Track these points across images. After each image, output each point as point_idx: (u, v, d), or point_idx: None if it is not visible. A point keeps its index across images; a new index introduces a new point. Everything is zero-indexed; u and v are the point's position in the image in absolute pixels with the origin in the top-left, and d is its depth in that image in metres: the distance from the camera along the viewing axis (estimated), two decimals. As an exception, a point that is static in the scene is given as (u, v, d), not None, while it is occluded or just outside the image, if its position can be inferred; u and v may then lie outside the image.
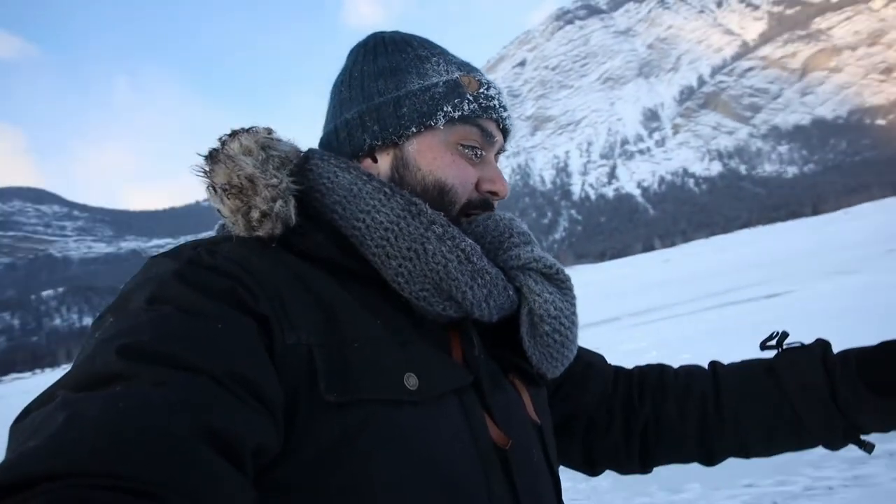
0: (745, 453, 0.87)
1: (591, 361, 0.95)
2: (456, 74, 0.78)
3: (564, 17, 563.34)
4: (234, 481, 0.47)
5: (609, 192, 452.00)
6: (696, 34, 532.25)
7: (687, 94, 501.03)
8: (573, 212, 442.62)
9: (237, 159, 0.69)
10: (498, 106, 0.79)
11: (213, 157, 0.70)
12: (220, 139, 0.72)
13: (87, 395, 0.47)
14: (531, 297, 0.75)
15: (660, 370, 0.96)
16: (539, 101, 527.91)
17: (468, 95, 0.76)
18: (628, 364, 0.97)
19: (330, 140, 0.81)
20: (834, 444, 0.81)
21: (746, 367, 0.89)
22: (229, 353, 0.53)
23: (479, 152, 0.77)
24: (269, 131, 0.75)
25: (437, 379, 0.64)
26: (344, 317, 0.64)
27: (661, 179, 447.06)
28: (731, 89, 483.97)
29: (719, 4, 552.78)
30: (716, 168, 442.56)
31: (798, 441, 0.83)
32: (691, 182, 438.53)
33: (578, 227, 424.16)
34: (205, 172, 0.70)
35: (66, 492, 0.39)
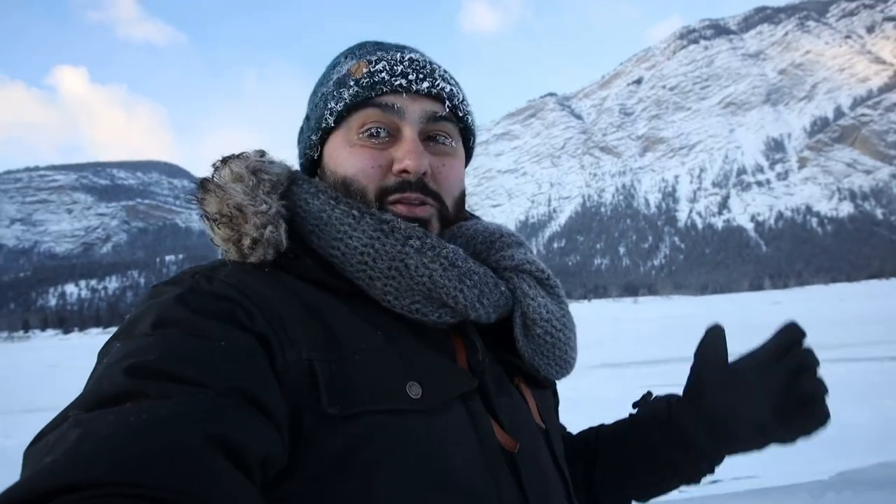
0: (620, 494, 0.92)
1: None
2: (347, 67, 0.77)
3: (689, 37, 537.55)
4: (246, 490, 0.47)
5: (718, 222, 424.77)
6: (837, 61, 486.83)
7: (820, 125, 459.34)
8: (676, 239, 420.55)
9: (227, 188, 0.70)
10: (389, 77, 0.74)
11: (203, 186, 0.71)
12: (213, 165, 0.73)
13: (98, 414, 0.48)
14: (525, 300, 0.76)
15: (596, 431, 0.99)
16: (652, 121, 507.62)
17: (350, 82, 0.74)
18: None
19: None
20: (682, 467, 0.85)
21: (619, 421, 0.95)
22: (232, 370, 0.55)
23: (380, 130, 0.74)
24: (262, 154, 0.76)
25: (440, 386, 0.65)
26: (343, 330, 0.65)
27: (780, 215, 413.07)
28: (874, 124, 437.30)
29: (870, 30, 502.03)
30: (846, 209, 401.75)
31: (657, 472, 0.87)
32: (814, 221, 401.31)
33: (680, 256, 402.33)
34: (198, 201, 0.71)
35: (85, 503, 0.40)
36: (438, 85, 0.76)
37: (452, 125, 0.78)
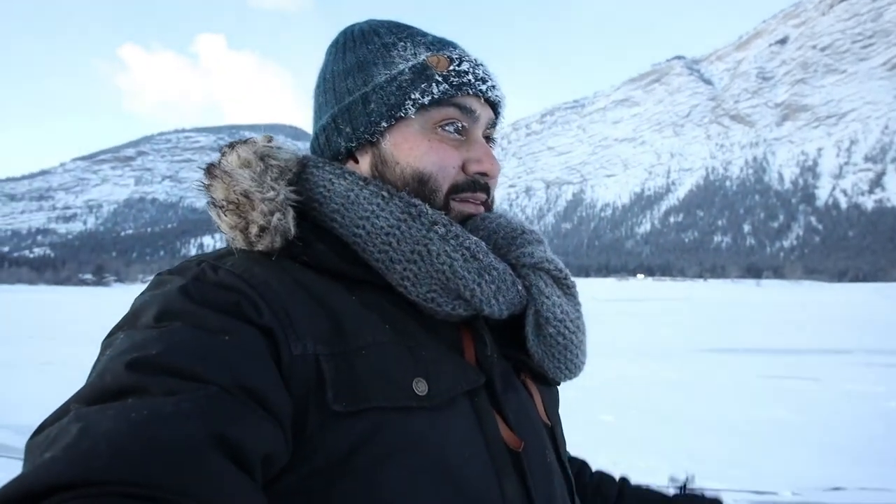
0: None
1: None
2: (423, 56, 0.75)
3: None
4: (245, 488, 0.47)
5: (868, 202, 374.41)
6: None
7: None
8: (813, 219, 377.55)
9: (233, 174, 0.69)
10: (474, 80, 0.75)
11: (210, 172, 0.70)
12: (221, 150, 0.72)
13: (99, 408, 0.48)
14: (540, 298, 0.75)
15: (580, 465, 0.98)
16: (795, 86, 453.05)
17: (437, 76, 0.73)
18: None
19: (314, 147, 0.82)
20: None
21: (651, 494, 0.93)
22: (236, 365, 0.54)
23: (460, 126, 0.75)
24: (269, 139, 0.75)
25: (447, 382, 0.64)
26: (351, 324, 0.64)
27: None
28: None
29: None
30: None
31: None
32: None
33: (816, 238, 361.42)
34: (205, 187, 0.70)
35: (82, 501, 0.40)
36: (499, 94, 0.79)
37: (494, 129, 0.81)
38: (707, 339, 16.30)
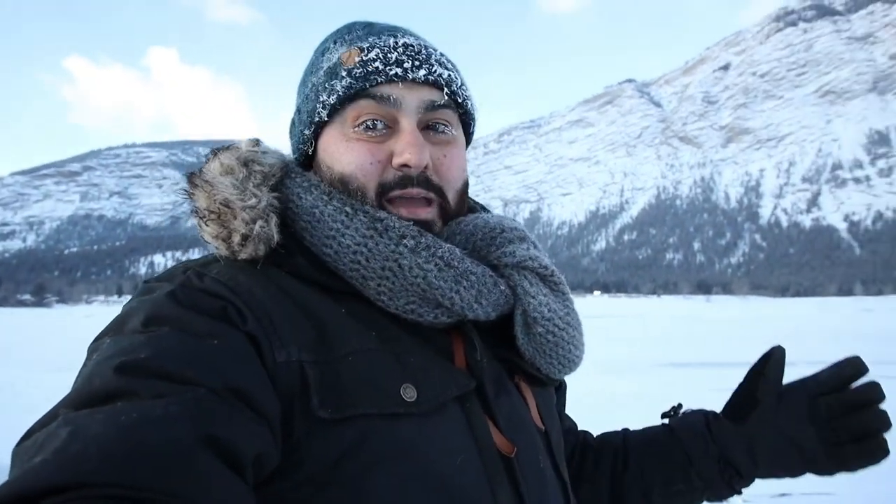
0: (648, 502, 0.90)
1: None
2: (337, 55, 0.72)
3: (786, 18, 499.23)
4: (236, 488, 0.47)
5: (806, 220, 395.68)
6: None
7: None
8: (757, 237, 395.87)
9: (214, 182, 0.67)
10: (383, 66, 0.70)
11: (191, 180, 0.69)
12: (204, 157, 0.71)
13: (88, 412, 0.47)
14: (525, 298, 0.73)
15: (584, 433, 1.00)
16: (738, 110, 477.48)
17: (342, 72, 0.70)
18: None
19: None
20: (715, 483, 0.86)
21: (649, 428, 0.95)
22: (224, 368, 0.54)
23: (377, 123, 0.70)
24: (256, 143, 0.73)
25: (436, 388, 0.63)
26: (336, 331, 0.63)
27: (879, 215, 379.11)
28: None
29: None
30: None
31: (690, 484, 0.87)
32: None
33: (761, 255, 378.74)
34: (188, 196, 0.69)
35: None
36: (436, 71, 0.72)
37: (452, 112, 0.74)
38: (663, 353, 16.77)
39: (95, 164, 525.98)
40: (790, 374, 0.85)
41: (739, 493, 0.86)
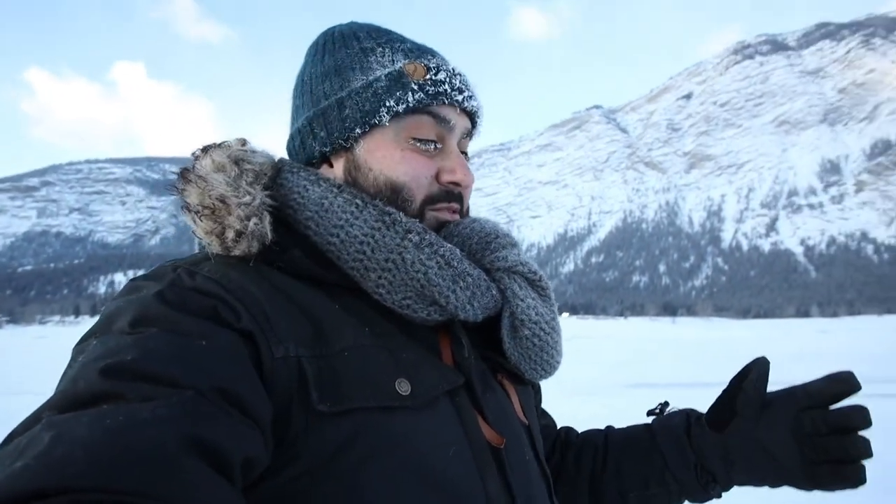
0: (625, 499, 0.90)
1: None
2: (400, 64, 0.75)
3: (744, 52, 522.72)
4: (223, 491, 0.47)
5: (765, 244, 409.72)
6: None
7: (882, 148, 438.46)
8: (719, 260, 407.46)
9: (208, 178, 0.67)
10: (450, 90, 0.74)
11: (184, 176, 0.69)
12: (193, 154, 0.71)
13: (73, 415, 0.46)
14: (514, 301, 0.75)
15: (566, 430, 1.02)
16: (700, 137, 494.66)
17: (412, 85, 0.73)
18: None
19: (289, 150, 0.81)
20: (691, 487, 0.85)
21: (631, 427, 0.95)
22: (213, 370, 0.53)
23: (435, 144, 0.75)
24: (244, 142, 0.74)
25: (428, 382, 0.65)
26: (331, 327, 0.64)
27: (832, 240, 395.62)
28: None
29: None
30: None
31: (665, 487, 0.87)
32: (870, 248, 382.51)
33: (723, 278, 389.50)
34: (180, 192, 0.69)
35: None
36: (476, 104, 0.78)
37: (470, 139, 0.81)
38: (630, 374, 16.92)
39: (55, 179, 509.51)
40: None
41: (718, 496, 0.86)
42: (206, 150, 0.71)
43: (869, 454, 0.75)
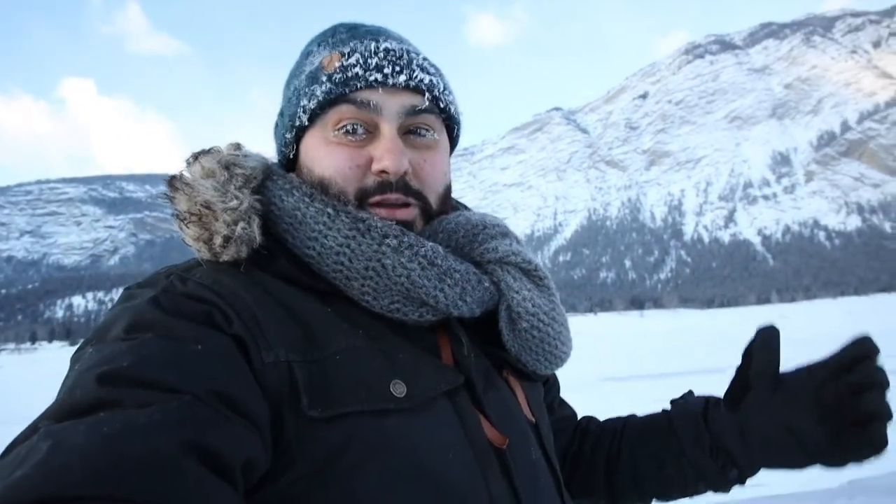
0: (640, 489, 0.89)
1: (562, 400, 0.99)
2: (319, 59, 0.73)
3: (694, 52, 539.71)
4: (224, 496, 0.46)
5: (725, 236, 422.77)
6: (844, 76, 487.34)
7: (827, 139, 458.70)
8: (682, 252, 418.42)
9: (195, 184, 0.67)
10: (363, 72, 0.70)
11: (172, 184, 0.68)
12: (185, 161, 0.70)
13: (71, 424, 0.46)
14: (509, 293, 0.73)
15: (588, 419, 1.01)
16: (658, 135, 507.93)
17: (322, 77, 0.71)
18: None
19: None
20: (708, 471, 0.82)
21: (650, 415, 0.93)
22: (210, 373, 0.53)
23: (357, 127, 0.70)
24: (237, 147, 0.73)
25: (425, 383, 0.63)
26: (323, 331, 0.63)
27: (787, 229, 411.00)
28: (881, 138, 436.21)
29: (876, 45, 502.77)
30: (854, 222, 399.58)
31: (681, 472, 0.84)
32: (822, 235, 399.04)
33: (687, 270, 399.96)
34: (169, 199, 0.68)
35: None
36: (417, 77, 0.72)
37: (434, 116, 0.74)
38: (604, 368, 17.25)
39: (3, 201, 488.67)
40: (721, 381, 0.84)
41: (741, 482, 0.82)
42: (196, 156, 0.70)
43: (884, 408, 0.71)
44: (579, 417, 1.01)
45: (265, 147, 0.81)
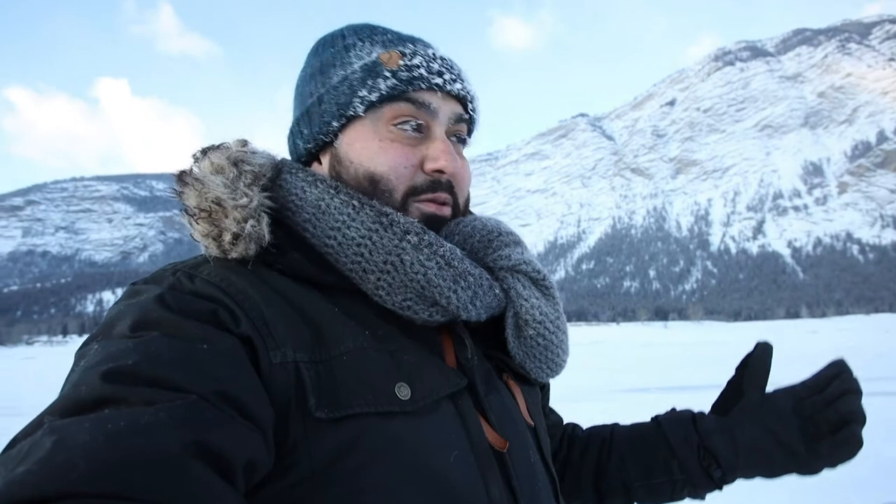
0: (628, 497, 0.91)
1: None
2: (376, 54, 0.74)
3: (724, 58, 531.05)
4: (226, 496, 0.46)
5: (753, 247, 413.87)
6: (880, 84, 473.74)
7: (862, 149, 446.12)
8: (709, 263, 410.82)
9: (205, 180, 0.67)
10: (426, 73, 0.72)
11: (181, 179, 0.68)
12: (193, 156, 0.70)
13: (75, 420, 0.46)
14: (518, 300, 0.75)
15: (573, 426, 1.03)
16: (685, 143, 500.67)
17: (385, 72, 0.72)
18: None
19: (288, 153, 0.82)
20: (694, 472, 0.85)
21: (638, 423, 0.96)
22: (215, 373, 0.53)
23: (417, 124, 0.72)
24: (244, 143, 0.73)
25: (429, 386, 0.64)
26: (330, 330, 0.63)
27: (818, 241, 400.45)
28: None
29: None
30: (890, 236, 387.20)
31: (669, 475, 0.87)
32: (855, 248, 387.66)
33: (713, 281, 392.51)
34: (177, 194, 0.68)
35: None
36: (466, 87, 0.76)
37: (466, 125, 0.78)
38: (624, 379, 16.99)
39: (39, 198, 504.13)
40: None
41: (720, 488, 0.85)
42: (205, 152, 0.70)
43: (862, 417, 0.78)
44: (576, 423, 1.03)
45: (285, 146, 0.82)
